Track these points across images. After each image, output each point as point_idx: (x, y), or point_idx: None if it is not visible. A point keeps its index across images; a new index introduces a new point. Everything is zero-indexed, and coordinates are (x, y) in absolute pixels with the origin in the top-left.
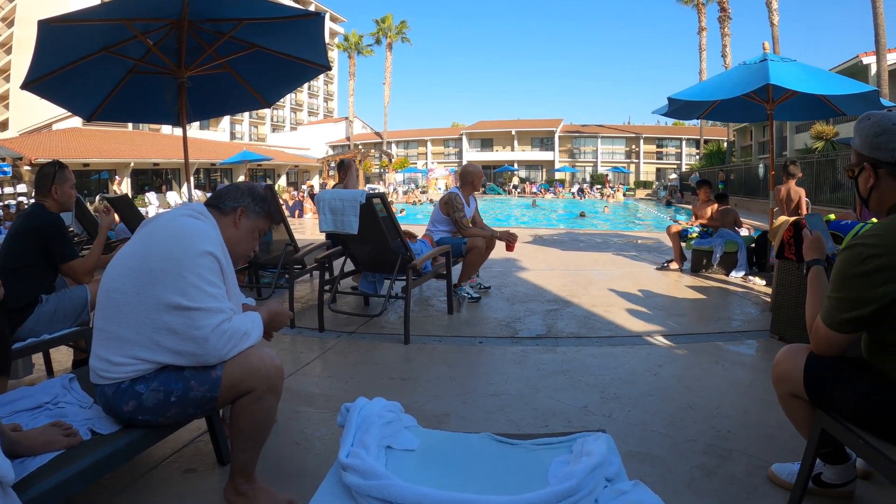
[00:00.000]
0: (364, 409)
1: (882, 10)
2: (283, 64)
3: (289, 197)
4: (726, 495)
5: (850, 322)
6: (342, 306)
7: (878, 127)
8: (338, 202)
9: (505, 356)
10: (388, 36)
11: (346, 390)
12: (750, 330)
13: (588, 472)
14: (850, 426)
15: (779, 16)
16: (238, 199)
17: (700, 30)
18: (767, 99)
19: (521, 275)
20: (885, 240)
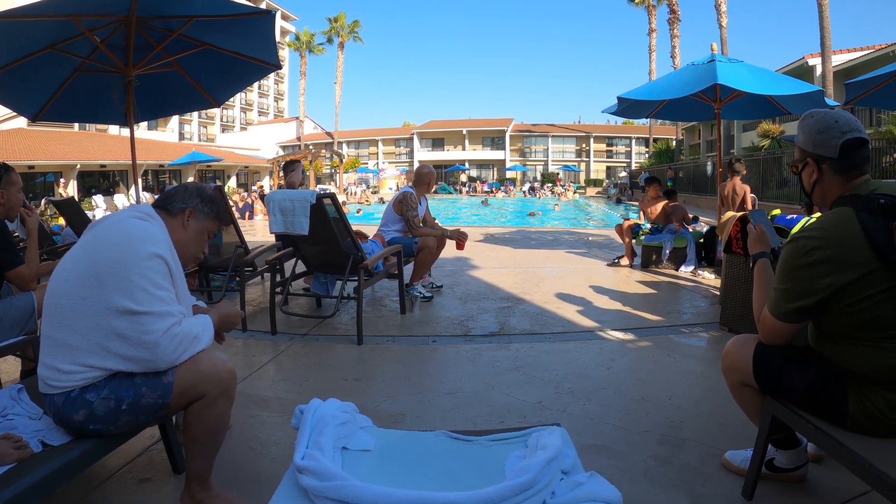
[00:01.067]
0: (318, 411)
1: (828, 14)
2: (233, 63)
3: (239, 198)
4: (682, 483)
5: (796, 312)
6: (294, 308)
7: (820, 124)
8: (288, 203)
9: (459, 354)
10: (340, 35)
11: (300, 393)
12: (700, 322)
13: (544, 465)
14: (800, 412)
15: (727, 18)
16: (186, 200)
17: (650, 31)
18: (715, 98)
19: (472, 273)
20: (828, 233)
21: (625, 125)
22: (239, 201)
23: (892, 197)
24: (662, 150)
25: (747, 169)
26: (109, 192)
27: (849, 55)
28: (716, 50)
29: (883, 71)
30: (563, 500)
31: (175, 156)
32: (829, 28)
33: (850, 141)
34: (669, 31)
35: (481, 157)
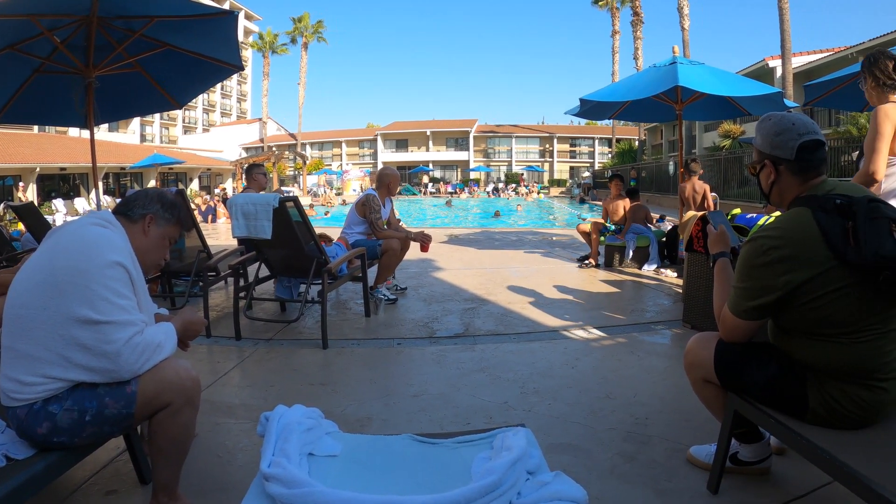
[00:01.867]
0: (283, 418)
1: (788, 17)
2: (195, 63)
3: (201, 201)
4: (648, 479)
5: (756, 309)
6: (258, 313)
7: (777, 126)
8: (251, 206)
9: (424, 356)
10: (304, 35)
11: (266, 399)
12: (663, 320)
13: (509, 466)
14: (761, 407)
15: (690, 21)
16: (147, 205)
17: (613, 33)
18: (676, 100)
19: (437, 275)
20: (786, 232)
21: (588, 126)
22: (201, 204)
23: (848, 197)
24: (625, 150)
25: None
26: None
27: (808, 57)
28: (677, 52)
29: (841, 73)
30: (529, 500)
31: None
32: (789, 31)
33: (807, 143)
34: (633, 33)
35: (445, 157)
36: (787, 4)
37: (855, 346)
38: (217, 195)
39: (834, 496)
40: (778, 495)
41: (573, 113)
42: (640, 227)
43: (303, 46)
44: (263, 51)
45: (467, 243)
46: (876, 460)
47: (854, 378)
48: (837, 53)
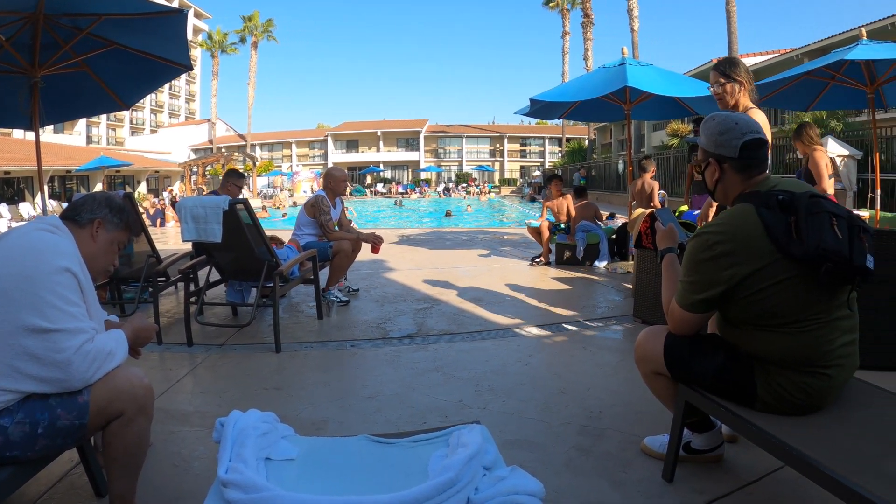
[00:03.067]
0: (239, 423)
1: (736, 20)
2: (143, 63)
3: (150, 205)
4: (604, 471)
5: (702, 303)
6: (210, 318)
7: (721, 126)
8: (200, 209)
9: (378, 357)
10: (254, 34)
11: (220, 405)
12: (614, 315)
13: (465, 462)
14: (711, 396)
15: (639, 22)
16: (95, 210)
17: (564, 34)
18: (625, 100)
19: (389, 275)
20: (730, 228)
21: (538, 125)
22: (150, 208)
23: (790, 193)
24: (575, 149)
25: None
26: (14, 200)
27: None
28: (626, 53)
29: (786, 74)
30: (486, 494)
31: (83, 161)
32: (736, 33)
33: (750, 141)
34: (583, 35)
35: (396, 158)
36: (734, 7)
37: (799, 336)
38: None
39: (785, 479)
40: (731, 481)
41: (523, 113)
42: (590, 224)
43: (252, 46)
44: (213, 50)
45: (419, 244)
46: (823, 443)
47: (800, 366)
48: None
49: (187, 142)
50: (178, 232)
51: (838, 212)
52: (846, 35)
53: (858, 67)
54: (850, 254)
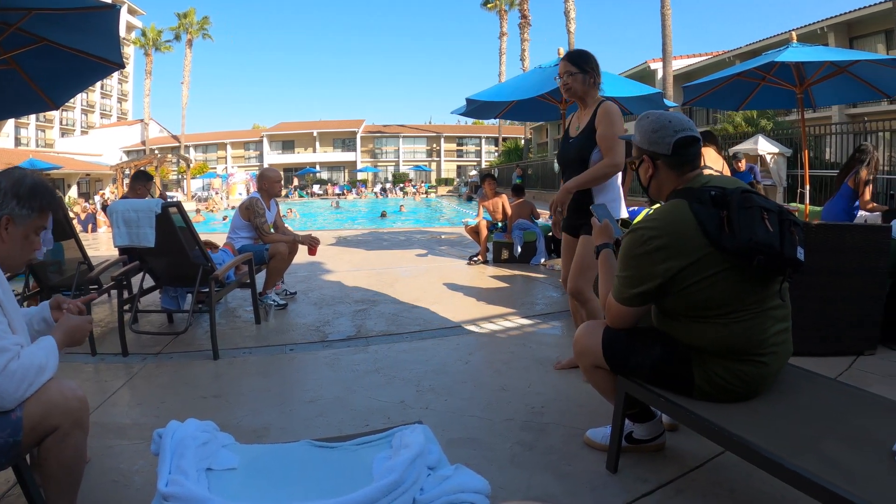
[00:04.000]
0: (177, 434)
1: (670, 22)
2: (74, 61)
3: (81, 210)
4: (548, 465)
5: (638, 296)
6: (145, 326)
7: (655, 124)
8: (132, 213)
9: (318, 361)
10: (189, 32)
11: (158, 416)
12: (553, 311)
13: (408, 463)
14: (650, 387)
15: (576, 24)
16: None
17: (501, 35)
18: (560, 100)
19: (326, 277)
20: (664, 223)
21: (475, 125)
22: (81, 213)
23: (722, 189)
24: (511, 148)
25: None
26: None
27: (689, 60)
28: (562, 54)
29: (718, 75)
30: (432, 494)
31: (11, 163)
32: (670, 35)
33: (682, 139)
34: (520, 35)
35: (332, 158)
36: (669, 10)
37: (734, 326)
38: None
39: (727, 464)
40: (674, 468)
41: (460, 113)
42: (527, 222)
43: (187, 44)
44: (146, 48)
45: (356, 245)
46: (762, 428)
47: (735, 355)
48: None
49: (119, 143)
50: (110, 237)
51: (769, 206)
52: (777, 38)
53: (788, 69)
54: (782, 246)
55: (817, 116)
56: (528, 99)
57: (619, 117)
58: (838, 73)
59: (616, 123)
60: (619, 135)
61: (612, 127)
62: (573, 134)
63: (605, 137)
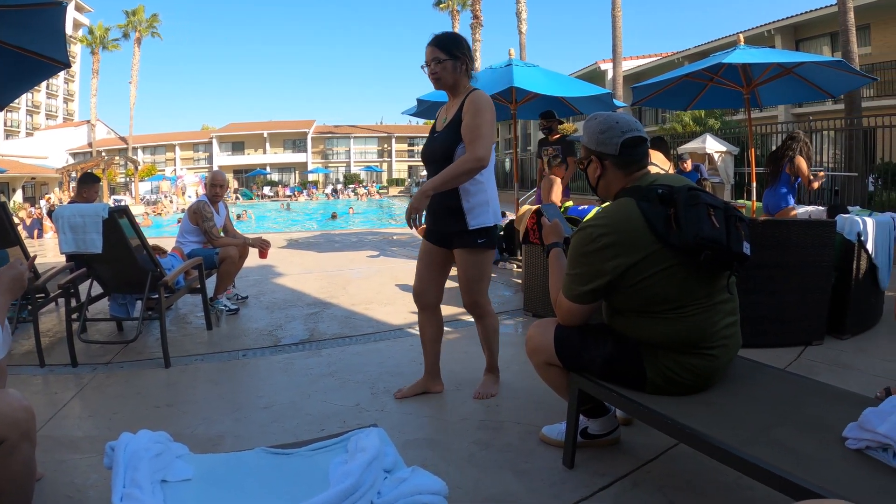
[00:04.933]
0: (130, 445)
1: (620, 24)
2: (18, 60)
3: (26, 215)
4: (505, 462)
5: (588, 293)
6: (94, 335)
7: (602, 125)
8: (78, 218)
9: (271, 366)
10: (137, 30)
11: (111, 428)
12: (506, 310)
13: (365, 467)
14: (602, 383)
15: (527, 25)
16: None
17: None
18: (511, 100)
19: (278, 281)
20: (613, 221)
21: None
22: (26, 218)
23: (668, 187)
24: None
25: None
26: None
27: (639, 61)
28: (513, 55)
29: (667, 76)
30: (389, 498)
31: None
32: (620, 37)
33: (630, 139)
34: (472, 36)
35: (283, 160)
36: (619, 12)
37: (684, 321)
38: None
39: (681, 455)
40: (630, 462)
41: (410, 113)
42: None
43: (136, 42)
44: (93, 46)
45: (307, 247)
46: (713, 419)
47: (685, 349)
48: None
49: (65, 145)
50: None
51: (715, 203)
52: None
53: (736, 70)
54: (728, 241)
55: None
56: None
57: (487, 106)
58: (784, 74)
59: (483, 112)
60: (486, 125)
61: (479, 116)
62: (440, 128)
63: (469, 128)
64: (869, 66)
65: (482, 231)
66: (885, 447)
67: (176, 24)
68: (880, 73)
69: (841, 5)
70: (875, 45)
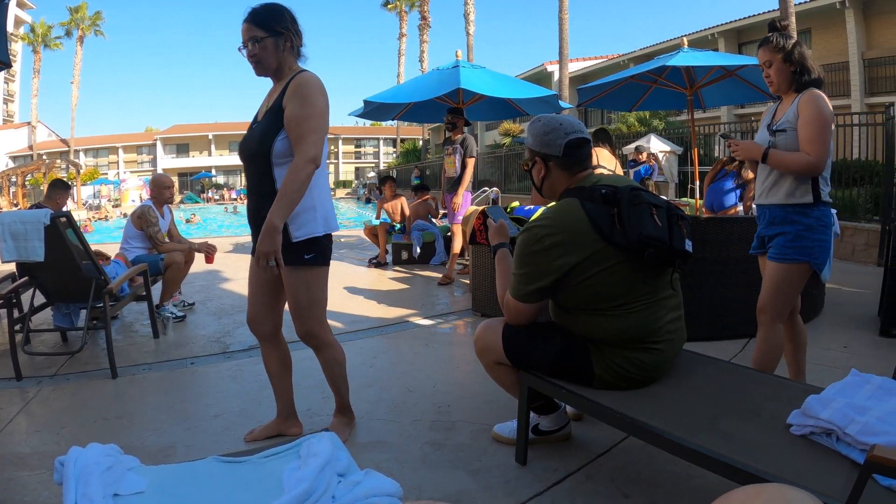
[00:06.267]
0: (80, 460)
1: (567, 27)
2: None
3: None
4: (459, 462)
5: (535, 293)
6: (38, 346)
7: (546, 127)
8: (19, 226)
9: (220, 373)
10: (80, 28)
11: (59, 442)
12: (455, 311)
13: (318, 471)
14: (551, 380)
15: (475, 26)
16: None
17: (401, 36)
18: (458, 101)
19: (225, 286)
20: (557, 221)
21: (373, 126)
22: None
23: (612, 187)
24: (410, 149)
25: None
26: None
27: (585, 63)
28: (460, 56)
29: (612, 78)
30: (343, 501)
31: None
32: (567, 39)
33: (573, 141)
34: (420, 37)
35: (229, 162)
36: (566, 15)
37: (629, 317)
38: None
39: (632, 448)
40: (582, 456)
41: (357, 114)
42: (425, 223)
43: (78, 40)
44: (35, 44)
45: None
46: (661, 411)
47: (631, 344)
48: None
49: (5, 148)
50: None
51: (657, 202)
52: (670, 43)
53: (679, 72)
54: (670, 239)
55: (707, 116)
56: (426, 100)
57: (318, 91)
58: (726, 76)
59: (311, 100)
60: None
61: (307, 104)
62: (260, 117)
63: (295, 120)
64: None
65: (309, 243)
66: (829, 432)
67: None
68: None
69: (783, 10)
70: (815, 49)
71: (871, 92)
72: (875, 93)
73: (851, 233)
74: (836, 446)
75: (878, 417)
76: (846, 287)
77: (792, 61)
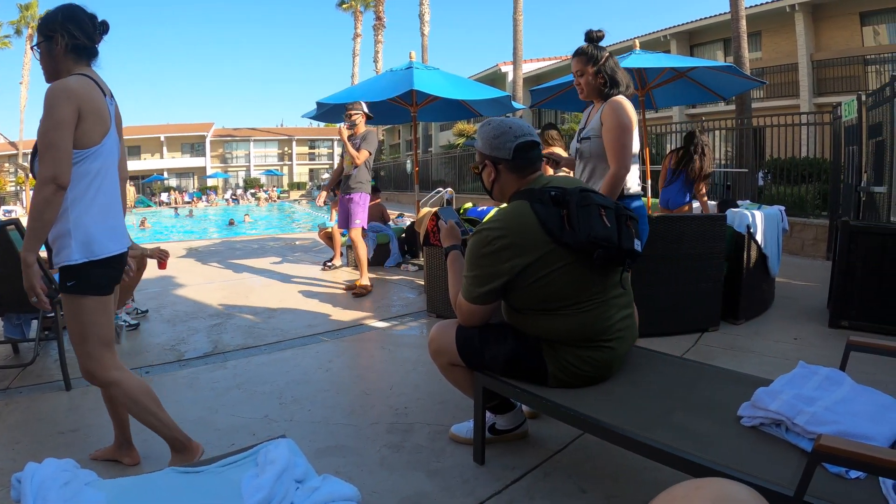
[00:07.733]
0: (36, 476)
1: (521, 28)
2: None
3: None
4: (417, 463)
5: (486, 294)
6: None
7: (496, 130)
8: None
9: (176, 382)
10: (30, 26)
11: (15, 459)
12: (410, 312)
13: (275, 479)
14: (505, 380)
15: (430, 27)
16: None
17: (355, 36)
18: (412, 102)
19: (179, 292)
20: (508, 223)
21: (327, 127)
22: None
23: (561, 189)
24: None
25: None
26: None
27: (539, 63)
28: (414, 57)
29: (565, 79)
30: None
31: None
32: (521, 40)
33: (523, 143)
34: (374, 37)
35: (181, 164)
36: (521, 16)
37: (579, 316)
38: None
39: (588, 445)
40: (539, 454)
41: (310, 116)
42: (380, 224)
43: (28, 39)
44: None
45: (208, 256)
46: (614, 408)
47: (583, 342)
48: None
49: None
50: None
51: (606, 203)
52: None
53: (631, 73)
54: (619, 239)
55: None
56: (380, 102)
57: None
58: (678, 77)
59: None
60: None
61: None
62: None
63: (38, 135)
64: (760, 69)
65: (67, 271)
66: (778, 423)
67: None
68: (770, 77)
69: (734, 13)
70: (765, 51)
71: (820, 92)
72: (823, 93)
73: (801, 228)
74: (785, 436)
75: (826, 407)
76: (796, 281)
77: (602, 73)
